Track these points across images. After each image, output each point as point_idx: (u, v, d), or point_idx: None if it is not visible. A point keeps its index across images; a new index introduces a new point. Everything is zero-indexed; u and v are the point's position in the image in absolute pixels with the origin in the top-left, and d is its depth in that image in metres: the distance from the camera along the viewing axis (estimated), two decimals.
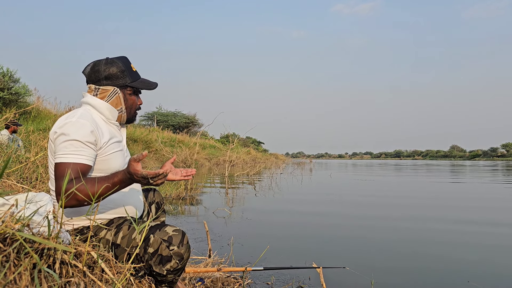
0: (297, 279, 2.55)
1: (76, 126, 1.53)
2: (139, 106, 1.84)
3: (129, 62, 1.77)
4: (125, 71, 1.72)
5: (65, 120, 1.56)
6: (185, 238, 1.58)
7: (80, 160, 1.49)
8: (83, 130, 1.52)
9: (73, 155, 1.48)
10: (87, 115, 1.61)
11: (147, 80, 1.82)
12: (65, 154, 1.48)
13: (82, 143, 1.51)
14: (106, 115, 1.71)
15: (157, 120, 37.84)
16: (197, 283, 2.24)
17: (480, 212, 5.74)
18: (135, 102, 1.80)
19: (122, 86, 1.72)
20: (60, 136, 1.51)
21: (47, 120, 15.71)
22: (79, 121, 1.54)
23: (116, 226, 1.63)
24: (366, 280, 2.49)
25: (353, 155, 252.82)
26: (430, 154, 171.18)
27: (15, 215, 0.91)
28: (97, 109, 1.70)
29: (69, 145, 1.49)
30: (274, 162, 30.28)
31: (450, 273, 2.73)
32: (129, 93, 1.76)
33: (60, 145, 1.50)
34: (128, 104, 1.77)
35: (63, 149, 1.49)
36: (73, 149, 1.49)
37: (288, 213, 5.58)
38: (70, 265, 1.05)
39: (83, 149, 1.52)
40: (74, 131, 1.51)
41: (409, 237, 3.92)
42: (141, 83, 1.78)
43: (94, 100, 1.70)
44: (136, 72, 1.79)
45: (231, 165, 15.40)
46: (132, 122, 1.87)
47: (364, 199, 7.41)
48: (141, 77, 1.82)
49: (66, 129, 1.51)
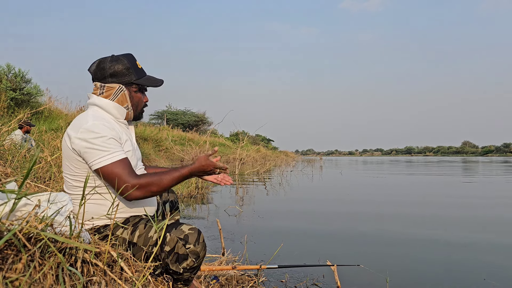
0: (311, 277, 2.55)
1: (99, 127, 1.53)
2: (145, 104, 1.84)
3: (135, 59, 1.76)
4: (130, 68, 1.71)
5: (83, 125, 1.53)
6: (201, 237, 1.59)
7: (120, 156, 1.54)
8: (107, 129, 1.55)
9: (112, 154, 1.52)
10: (98, 116, 1.62)
11: (153, 77, 1.81)
12: (104, 157, 1.50)
13: (114, 140, 1.55)
14: (114, 114, 1.70)
15: (166, 119, 38.00)
16: (211, 281, 2.25)
17: (498, 210, 5.66)
18: (141, 100, 1.79)
19: (127, 83, 1.71)
20: (84, 142, 1.50)
21: (59, 119, 15.89)
22: (95, 123, 1.54)
23: (133, 224, 1.65)
24: (381, 278, 2.48)
25: (363, 151, 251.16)
26: (442, 150, 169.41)
27: (38, 215, 0.92)
28: (104, 109, 1.69)
29: (107, 144, 1.51)
30: (284, 159, 30.25)
31: (466, 270, 2.71)
32: (134, 91, 1.74)
33: (94, 149, 1.50)
34: (134, 102, 1.75)
35: (98, 153, 1.49)
36: (111, 147, 1.52)
37: (300, 211, 5.58)
38: (91, 264, 1.06)
39: (115, 146, 1.55)
40: (101, 131, 1.52)
41: (423, 235, 3.89)
42: (147, 80, 1.77)
43: (100, 100, 1.69)
44: (142, 69, 1.78)
45: (241, 163, 15.41)
46: (139, 119, 1.86)
47: (376, 197, 7.37)
48: (147, 74, 1.81)
49: (88, 134, 1.50)
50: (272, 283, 2.42)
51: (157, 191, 1.57)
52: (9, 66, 13.39)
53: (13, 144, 4.07)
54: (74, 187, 1.60)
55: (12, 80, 13.21)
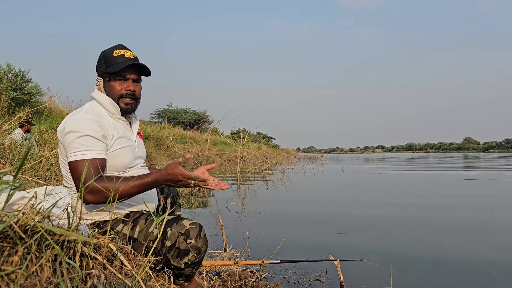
0: (314, 272, 2.53)
1: (83, 121, 1.52)
2: (126, 93, 1.68)
3: (114, 49, 1.67)
4: (102, 59, 1.68)
5: (71, 117, 1.56)
6: (202, 231, 1.57)
7: (96, 155, 1.49)
8: (91, 125, 1.52)
9: (87, 151, 1.47)
10: (92, 110, 1.62)
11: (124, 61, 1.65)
12: (79, 151, 1.47)
13: (93, 138, 1.51)
14: (110, 110, 1.68)
15: (167, 117, 37.99)
16: (213, 276, 2.23)
17: (503, 205, 5.64)
18: (115, 88, 1.67)
19: (101, 74, 1.69)
20: (69, 133, 1.50)
21: (60, 119, 15.89)
22: (84, 117, 1.54)
23: (133, 220, 1.63)
24: (385, 272, 2.45)
25: (365, 148, 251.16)
26: (443, 146, 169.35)
27: (35, 207, 0.90)
28: (101, 104, 1.68)
29: (82, 141, 1.48)
30: (285, 157, 30.23)
31: (470, 264, 2.68)
32: (107, 80, 1.67)
33: (72, 143, 1.49)
34: (107, 92, 1.68)
35: (76, 147, 1.48)
36: (87, 144, 1.49)
37: (301, 207, 5.56)
38: (90, 257, 1.04)
39: (96, 143, 1.51)
40: (82, 126, 1.50)
41: (427, 229, 3.86)
42: (114, 66, 1.63)
43: (97, 94, 1.69)
44: (119, 56, 1.65)
45: (242, 161, 15.40)
46: (128, 112, 1.73)
47: (379, 192, 7.35)
48: (129, 61, 1.65)
49: (73, 126, 1.50)
50: (275, 279, 2.40)
51: (114, 198, 1.44)
52: (9, 66, 13.39)
53: (13, 143, 4.06)
54: (71, 180, 1.58)
55: (13, 79, 13.21)
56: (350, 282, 2.34)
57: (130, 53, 1.70)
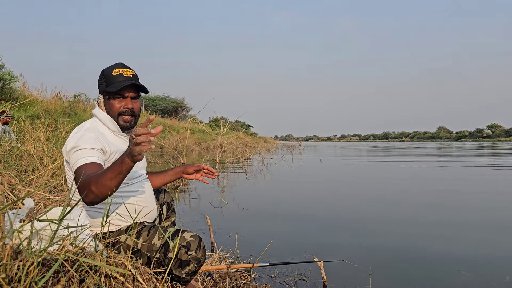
0: (298, 272, 2.71)
1: (83, 138, 1.64)
2: (125, 111, 1.78)
3: (113, 68, 1.77)
4: (102, 78, 1.79)
5: (73, 136, 1.69)
6: (202, 243, 1.73)
7: (91, 160, 1.58)
8: (91, 141, 1.63)
9: (84, 158, 1.58)
10: (93, 128, 1.74)
11: (122, 81, 1.74)
12: (78, 160, 1.58)
13: (89, 150, 1.61)
14: (110, 127, 1.81)
15: (145, 105, 37.54)
16: (206, 278, 2.38)
17: (477, 199, 5.95)
18: (114, 106, 1.78)
19: (102, 93, 1.81)
20: (71, 150, 1.62)
21: (34, 107, 15.55)
22: (84, 134, 1.66)
23: (136, 231, 1.75)
24: (365, 272, 2.66)
25: (342, 137, 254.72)
26: (418, 135, 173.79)
27: (68, 237, 1.02)
28: (102, 121, 1.81)
29: (80, 153, 1.60)
30: (264, 146, 30.45)
31: (442, 263, 2.90)
32: (106, 98, 1.80)
33: (72, 156, 1.61)
34: (106, 110, 1.81)
35: (75, 158, 1.59)
36: (85, 154, 1.60)
37: (284, 203, 5.77)
38: (112, 277, 1.17)
39: (92, 152, 1.62)
40: (83, 142, 1.62)
41: (404, 228, 4.07)
42: (113, 86, 1.73)
43: (98, 112, 1.82)
44: (118, 75, 1.75)
45: (222, 151, 15.50)
46: (128, 129, 1.83)
47: (357, 187, 7.61)
48: (128, 81, 1.74)
49: (75, 143, 1.62)
50: (263, 279, 2.57)
51: (98, 190, 1.41)
52: None
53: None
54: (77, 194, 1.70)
55: None
56: (333, 281, 2.52)
57: (129, 71, 1.81)
